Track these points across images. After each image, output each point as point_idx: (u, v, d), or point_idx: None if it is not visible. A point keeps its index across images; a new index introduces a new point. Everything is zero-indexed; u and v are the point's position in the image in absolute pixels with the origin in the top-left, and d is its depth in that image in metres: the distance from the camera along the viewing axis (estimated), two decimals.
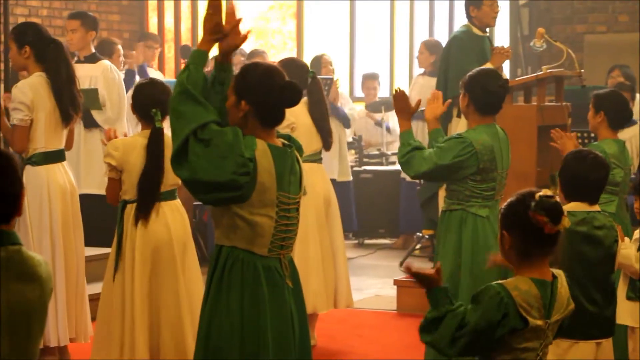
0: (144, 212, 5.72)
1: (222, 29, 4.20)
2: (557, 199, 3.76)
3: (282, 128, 6.64)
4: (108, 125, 8.31)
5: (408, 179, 9.98)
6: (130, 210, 5.74)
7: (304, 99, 7.03)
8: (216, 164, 4.03)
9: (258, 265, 4.16)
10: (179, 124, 4.08)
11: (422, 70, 11.17)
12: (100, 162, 6.87)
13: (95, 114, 8.62)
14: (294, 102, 4.25)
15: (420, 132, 10.01)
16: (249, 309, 4.15)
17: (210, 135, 4.03)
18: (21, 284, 3.02)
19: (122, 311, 5.72)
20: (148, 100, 5.67)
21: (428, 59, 11.03)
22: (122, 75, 9.68)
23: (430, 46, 11.15)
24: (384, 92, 12.64)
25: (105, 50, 9.85)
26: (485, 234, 5.65)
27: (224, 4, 4.22)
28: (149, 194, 5.70)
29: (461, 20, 12.99)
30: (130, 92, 6.06)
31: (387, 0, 13.21)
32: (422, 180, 8.77)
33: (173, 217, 5.81)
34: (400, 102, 5.80)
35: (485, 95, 5.70)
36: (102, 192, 8.70)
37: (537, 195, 3.74)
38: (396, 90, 5.88)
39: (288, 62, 7.12)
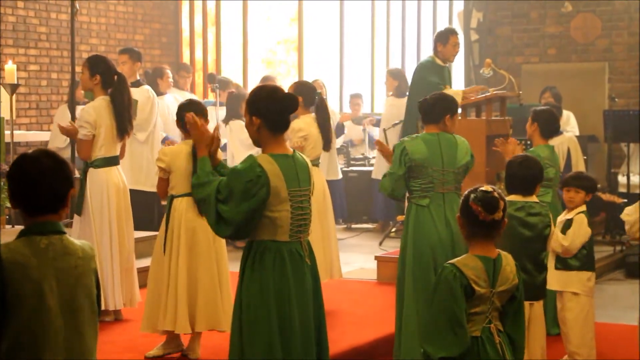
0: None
1: (206, 137, 4.43)
2: (496, 194, 3.73)
3: (297, 138, 6.67)
4: (136, 130, 8.38)
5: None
6: (176, 202, 5.63)
7: (312, 115, 6.98)
8: (240, 204, 4.03)
9: (283, 249, 4.14)
10: (204, 206, 4.15)
11: (390, 92, 11.17)
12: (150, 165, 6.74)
13: None
14: (293, 109, 4.21)
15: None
16: (278, 283, 4.13)
17: (224, 192, 4.06)
18: (64, 263, 3.02)
19: (167, 284, 5.63)
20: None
21: (392, 83, 11.04)
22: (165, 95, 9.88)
23: (392, 74, 11.19)
24: (366, 108, 12.71)
25: (157, 73, 10.14)
26: (425, 219, 5.56)
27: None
28: None
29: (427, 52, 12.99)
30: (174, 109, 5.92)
31: (368, 38, 13.31)
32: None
33: None
34: (382, 151, 5.93)
35: (426, 110, 5.72)
36: (148, 189, 8.75)
37: (479, 189, 3.74)
38: (376, 143, 6.03)
39: (301, 84, 7.11)
